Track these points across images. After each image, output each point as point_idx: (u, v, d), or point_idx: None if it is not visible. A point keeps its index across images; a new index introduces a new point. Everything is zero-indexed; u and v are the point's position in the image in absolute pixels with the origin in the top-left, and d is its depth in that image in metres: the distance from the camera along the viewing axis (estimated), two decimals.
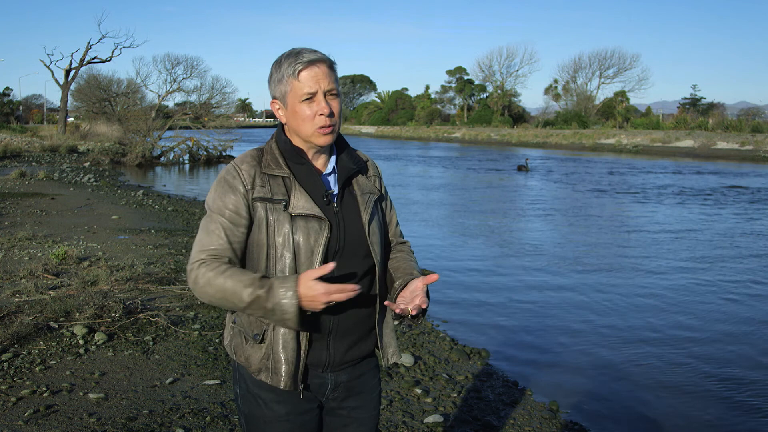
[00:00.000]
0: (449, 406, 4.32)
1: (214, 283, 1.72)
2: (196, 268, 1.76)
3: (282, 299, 1.66)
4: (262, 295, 1.67)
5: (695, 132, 45.10)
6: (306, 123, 1.80)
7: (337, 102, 1.82)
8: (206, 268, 1.74)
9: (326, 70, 1.80)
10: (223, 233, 1.78)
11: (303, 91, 1.78)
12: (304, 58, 1.78)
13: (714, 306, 7.45)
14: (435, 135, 67.50)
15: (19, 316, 5.01)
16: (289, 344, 1.78)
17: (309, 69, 1.77)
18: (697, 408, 4.80)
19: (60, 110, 43.28)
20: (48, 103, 74.43)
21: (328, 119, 1.79)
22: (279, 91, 1.83)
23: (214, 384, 4.22)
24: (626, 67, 68.18)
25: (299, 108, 1.80)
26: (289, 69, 1.78)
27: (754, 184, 22.29)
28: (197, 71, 35.88)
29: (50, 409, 3.64)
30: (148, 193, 16.75)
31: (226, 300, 1.72)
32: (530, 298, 7.73)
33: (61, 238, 9.09)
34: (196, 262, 1.76)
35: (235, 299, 1.70)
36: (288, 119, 1.85)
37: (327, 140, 1.83)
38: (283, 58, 1.82)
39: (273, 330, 1.78)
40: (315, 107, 1.79)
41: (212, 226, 1.79)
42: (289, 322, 1.68)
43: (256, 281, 1.69)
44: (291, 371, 1.79)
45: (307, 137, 1.82)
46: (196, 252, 1.79)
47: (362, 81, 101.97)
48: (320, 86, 1.78)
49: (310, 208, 1.78)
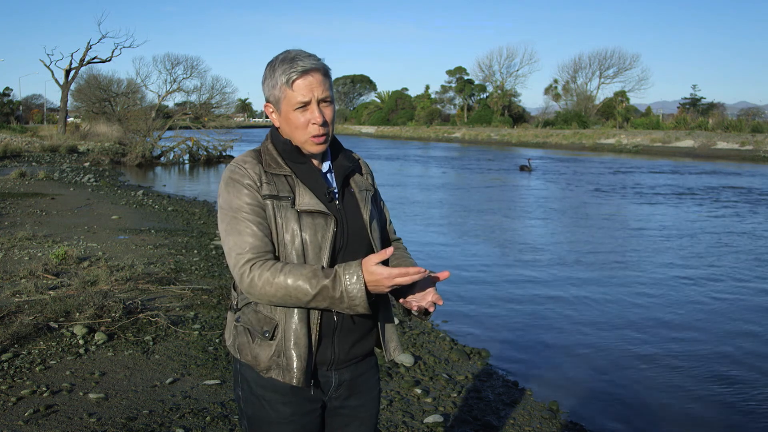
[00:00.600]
0: (449, 406, 4.31)
1: (274, 282, 1.69)
2: (248, 271, 1.71)
3: (349, 286, 1.66)
4: (327, 284, 1.67)
5: (695, 132, 45.09)
6: (299, 131, 1.81)
7: (330, 110, 1.83)
8: (260, 268, 1.71)
9: (320, 78, 1.80)
10: (255, 227, 1.76)
11: (296, 100, 1.79)
12: (299, 66, 1.77)
13: (715, 306, 7.45)
14: (435, 135, 67.48)
15: (19, 316, 5.01)
16: (301, 340, 1.78)
17: (303, 78, 1.78)
18: (698, 408, 4.80)
19: (60, 110, 43.26)
20: (48, 103, 74.46)
21: (321, 128, 1.80)
22: (272, 96, 1.84)
23: (214, 384, 4.22)
24: (626, 67, 68.24)
25: (292, 116, 1.81)
26: (283, 77, 1.78)
27: (753, 184, 22.28)
28: (197, 71, 35.94)
29: (50, 409, 3.63)
30: (148, 193, 16.75)
31: (289, 296, 1.70)
32: (531, 298, 7.73)
33: (61, 238, 9.08)
34: (246, 265, 1.72)
35: (299, 294, 1.69)
36: (281, 125, 1.87)
37: (320, 149, 1.85)
38: (278, 62, 1.81)
39: (284, 326, 1.78)
40: (308, 116, 1.80)
41: (240, 226, 1.76)
42: (358, 307, 1.68)
43: (318, 272, 1.69)
44: (303, 367, 1.78)
45: (300, 144, 1.84)
46: (237, 255, 1.74)
47: (362, 81, 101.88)
48: (314, 95, 1.79)
49: (316, 205, 1.79)
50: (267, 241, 1.76)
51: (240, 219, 1.77)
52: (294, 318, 1.77)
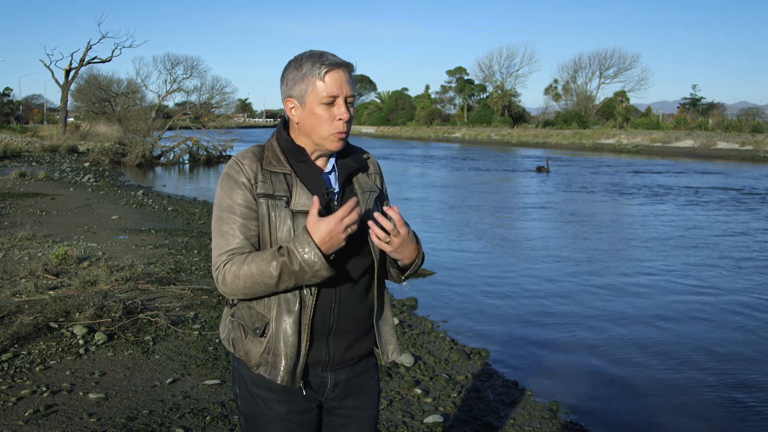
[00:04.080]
0: (449, 406, 4.31)
1: (240, 274, 1.71)
2: (221, 270, 1.75)
3: (304, 254, 1.65)
4: (285, 261, 1.66)
5: (695, 132, 45.10)
6: (323, 125, 1.79)
7: (353, 109, 1.84)
8: (230, 264, 1.74)
9: (348, 76, 1.80)
10: (238, 232, 1.77)
11: (325, 93, 1.76)
12: (330, 60, 1.77)
13: (715, 306, 7.45)
14: (435, 135, 67.49)
15: (19, 316, 5.01)
16: (290, 340, 1.78)
17: (335, 72, 1.77)
18: (697, 408, 4.80)
19: (60, 110, 43.26)
20: (48, 103, 74.40)
21: (345, 125, 1.80)
22: (297, 90, 1.80)
23: (214, 384, 4.22)
24: (626, 67, 68.25)
25: (318, 110, 1.78)
26: (314, 69, 1.76)
27: (753, 184, 22.28)
28: (197, 71, 35.94)
29: (50, 409, 3.63)
30: (148, 193, 16.75)
31: (258, 284, 1.71)
32: (531, 298, 7.73)
33: (61, 238, 9.08)
34: (221, 265, 1.76)
35: (265, 278, 1.69)
36: (303, 119, 1.82)
37: (339, 146, 1.83)
38: (305, 57, 1.80)
39: (275, 324, 1.78)
40: (335, 111, 1.78)
41: (225, 228, 1.78)
42: (321, 271, 1.66)
43: (275, 252, 1.69)
44: (289, 367, 1.78)
45: (320, 140, 1.81)
46: (217, 256, 1.78)
47: (362, 81, 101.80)
48: (343, 91, 1.78)
49: (312, 205, 1.78)
50: (248, 244, 1.77)
51: (226, 220, 1.78)
52: (285, 317, 1.77)
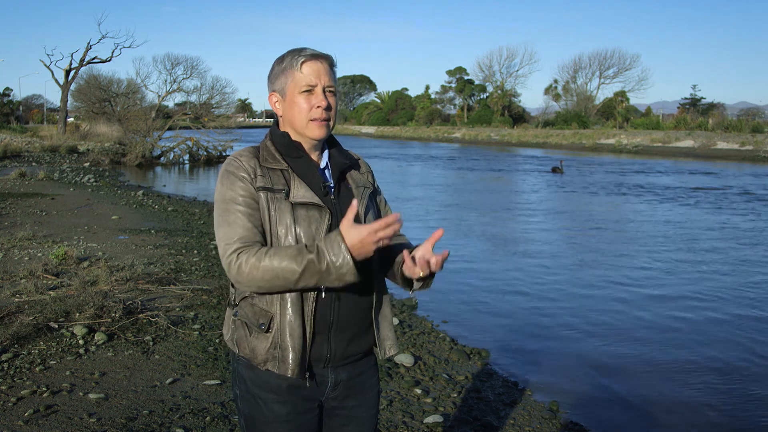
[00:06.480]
0: (449, 406, 4.31)
1: (260, 266, 1.69)
2: (235, 259, 1.72)
3: (333, 255, 1.64)
4: (313, 258, 1.65)
5: (695, 132, 45.12)
6: (302, 114, 1.85)
7: (334, 99, 1.88)
8: (246, 254, 1.71)
9: (327, 67, 1.87)
10: (245, 220, 1.77)
11: (303, 83, 1.84)
12: (308, 52, 1.86)
13: (716, 306, 7.44)
14: (435, 135, 67.49)
15: (19, 316, 5.01)
16: (296, 332, 1.79)
17: (312, 63, 1.84)
18: (698, 408, 4.80)
19: (60, 110, 43.23)
20: (48, 103, 74.48)
21: (324, 112, 1.84)
22: (279, 83, 1.88)
23: (214, 384, 4.22)
24: (626, 67, 68.29)
25: (297, 99, 1.85)
26: (293, 61, 1.85)
27: (752, 182, 22.29)
28: (197, 71, 36.00)
29: (50, 409, 3.64)
30: (148, 194, 16.74)
31: (277, 278, 1.69)
32: (531, 298, 7.73)
33: (61, 238, 9.08)
34: (233, 253, 1.73)
35: (287, 273, 1.68)
36: (284, 110, 1.89)
37: (321, 133, 1.87)
38: (287, 53, 1.89)
39: (280, 319, 1.79)
40: (313, 100, 1.84)
41: (231, 217, 1.78)
42: (346, 275, 1.66)
43: (302, 249, 1.68)
44: (298, 359, 1.79)
45: (301, 129, 1.86)
46: (226, 245, 1.75)
47: (362, 81, 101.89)
48: (320, 81, 1.84)
49: (311, 197, 1.81)
50: (256, 232, 1.78)
51: (231, 210, 1.79)
52: (288, 311, 1.78)
